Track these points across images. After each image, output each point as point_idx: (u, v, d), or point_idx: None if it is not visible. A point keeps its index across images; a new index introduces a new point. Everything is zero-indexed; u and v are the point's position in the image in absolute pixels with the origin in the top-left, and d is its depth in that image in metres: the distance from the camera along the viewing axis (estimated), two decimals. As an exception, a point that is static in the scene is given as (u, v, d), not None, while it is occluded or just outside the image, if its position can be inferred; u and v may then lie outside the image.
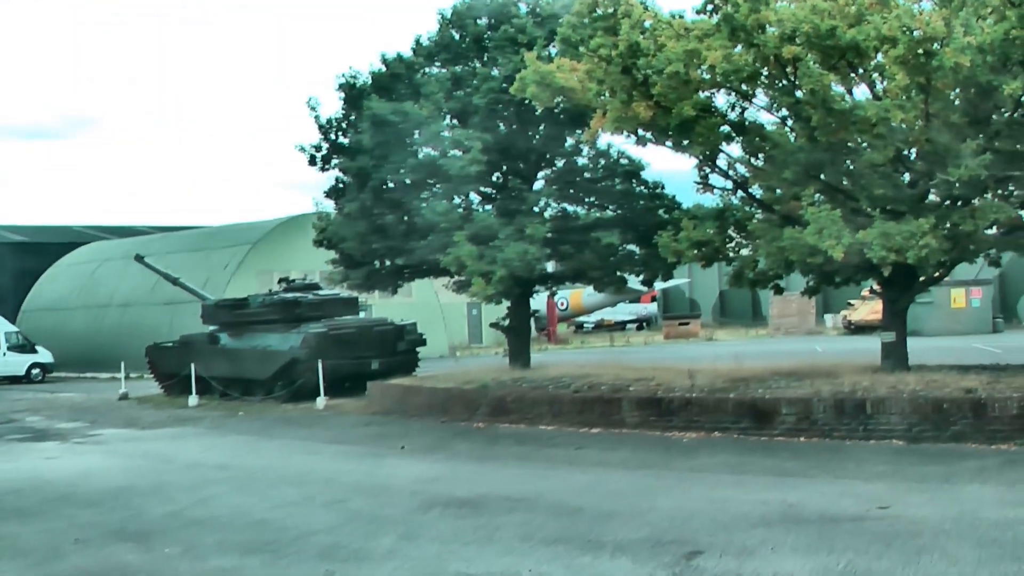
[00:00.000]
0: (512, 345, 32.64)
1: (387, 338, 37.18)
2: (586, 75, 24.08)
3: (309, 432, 27.75)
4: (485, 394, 27.26)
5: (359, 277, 32.73)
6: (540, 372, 29.96)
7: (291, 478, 20.25)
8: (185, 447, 25.95)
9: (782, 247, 22.89)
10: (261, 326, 38.19)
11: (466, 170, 28.12)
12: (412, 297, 59.60)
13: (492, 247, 27.70)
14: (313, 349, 35.08)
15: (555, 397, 25.80)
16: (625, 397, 24.59)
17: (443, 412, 28.27)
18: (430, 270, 31.89)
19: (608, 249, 31.02)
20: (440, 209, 28.54)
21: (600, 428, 24.46)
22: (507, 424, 26.24)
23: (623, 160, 32.22)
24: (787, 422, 22.07)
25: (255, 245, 56.23)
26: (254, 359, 37.19)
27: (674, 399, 23.72)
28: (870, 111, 20.84)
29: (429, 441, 24.57)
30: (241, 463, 22.80)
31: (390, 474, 20.26)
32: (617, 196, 31.90)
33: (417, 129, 28.93)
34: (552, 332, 69.37)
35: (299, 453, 23.96)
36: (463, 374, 30.72)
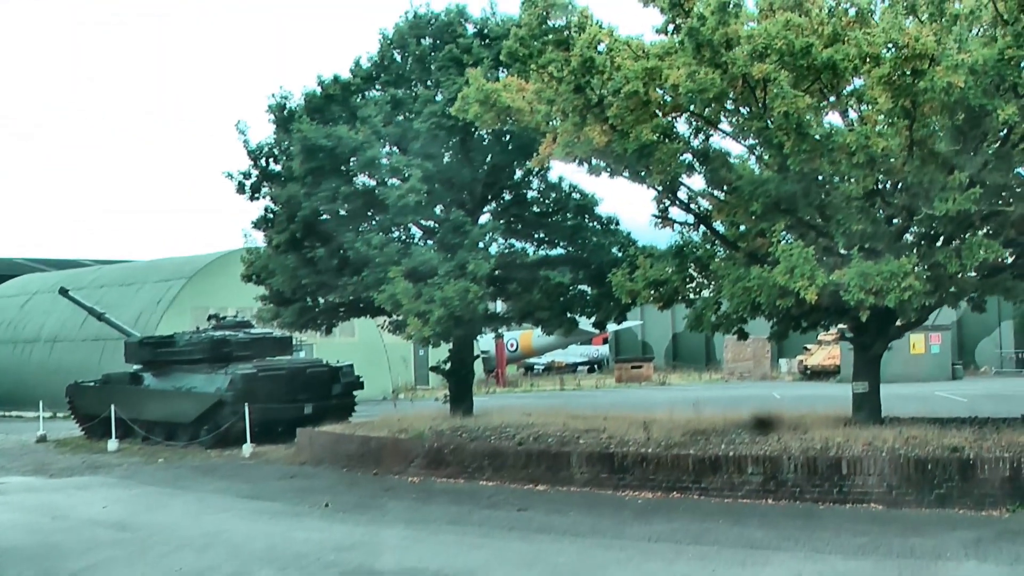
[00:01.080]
0: (453, 390, 30.35)
1: (321, 380, 34.79)
2: (535, 95, 21.94)
3: (228, 484, 25.33)
4: (421, 445, 24.95)
5: (290, 315, 30.34)
6: (483, 420, 27.67)
7: (195, 542, 17.89)
8: (88, 500, 23.50)
9: (748, 288, 20.74)
10: (187, 366, 35.79)
11: (404, 200, 25.89)
12: (355, 337, 57.39)
13: (431, 284, 25.48)
14: (241, 391, 32.68)
15: (497, 450, 23.50)
16: (574, 451, 22.31)
17: (376, 463, 25.95)
18: (367, 308, 29.57)
19: (558, 288, 28.89)
20: (375, 242, 26.28)
21: (546, 485, 22.19)
22: (444, 479, 23.95)
23: (575, 194, 30.19)
24: (753, 482, 19.87)
25: (190, 280, 53.68)
26: (178, 401, 34.74)
27: (628, 454, 21.45)
28: (849, 138, 18.76)
29: (356, 498, 22.25)
30: (144, 522, 20.38)
31: (307, 539, 17.89)
32: (568, 232, 29.79)
33: (352, 155, 26.67)
34: (501, 374, 67.15)
35: (211, 510, 21.55)
36: (399, 421, 28.36)
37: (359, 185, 27.78)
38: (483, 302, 25.59)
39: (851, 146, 18.68)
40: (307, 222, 27.54)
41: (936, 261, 19.97)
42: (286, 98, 28.48)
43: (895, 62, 17.77)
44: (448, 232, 27.61)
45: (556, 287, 28.95)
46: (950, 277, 20.28)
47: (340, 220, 27.82)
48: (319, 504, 21.40)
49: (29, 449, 36.42)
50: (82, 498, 23.95)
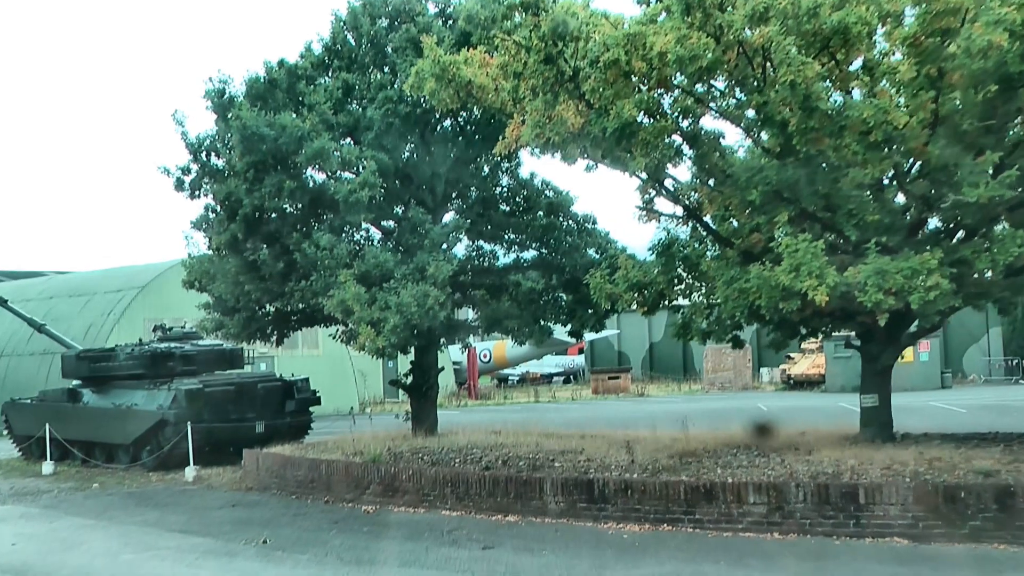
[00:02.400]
0: (415, 407, 27.55)
1: (274, 396, 32.02)
2: (500, 70, 19.23)
3: (160, 515, 22.53)
4: (376, 469, 22.18)
5: (236, 325, 27.48)
6: (447, 440, 25.00)
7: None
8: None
9: (745, 290, 18.12)
10: (128, 381, 32.95)
11: (356, 196, 23.16)
12: (319, 349, 54.71)
13: (386, 290, 22.72)
14: (184, 409, 29.95)
15: (460, 475, 20.73)
16: (548, 477, 19.52)
17: (326, 490, 23.19)
18: (319, 318, 26.78)
19: (528, 295, 26.24)
20: (323, 243, 23.50)
21: (516, 516, 19.43)
22: (401, 508, 21.21)
23: (548, 192, 27.55)
24: (755, 513, 17.14)
25: (143, 290, 50.80)
26: (118, 420, 31.95)
27: (609, 481, 18.68)
28: (866, 112, 16.10)
29: (299, 531, 19.50)
30: (52, 564, 17.70)
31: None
32: (539, 232, 27.09)
33: (298, 146, 23.85)
34: (473, 387, 64.49)
35: (133, 548, 18.76)
36: (355, 441, 25.64)
37: (306, 180, 24.99)
38: (444, 309, 22.86)
39: (868, 122, 16.04)
40: (248, 221, 24.68)
41: (961, 256, 17.33)
42: (225, 83, 25.57)
43: (923, 18, 15.13)
44: (406, 232, 24.92)
45: (526, 293, 26.33)
46: (975, 276, 17.72)
47: (285, 219, 25.04)
48: (256, 540, 18.67)
49: (-42, 473, 33.55)
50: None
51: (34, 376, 47.43)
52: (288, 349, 52.70)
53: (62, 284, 58.12)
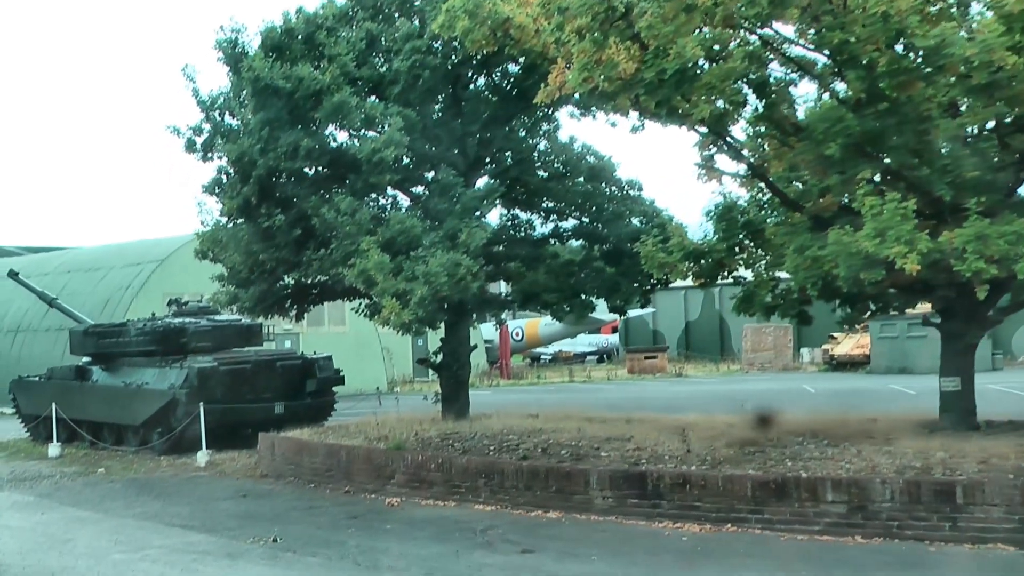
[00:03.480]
0: (445, 387, 25.26)
1: (294, 375, 29.89)
2: (541, 7, 16.93)
3: (162, 506, 20.46)
4: (401, 457, 20.03)
5: (250, 298, 25.28)
6: (479, 424, 22.79)
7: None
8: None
9: (819, 258, 15.86)
10: (139, 359, 30.89)
11: (380, 155, 20.98)
12: (345, 326, 52.67)
13: (413, 259, 20.51)
14: (198, 388, 27.89)
15: (495, 465, 18.54)
16: (594, 469, 17.29)
17: (346, 479, 21.07)
18: (341, 290, 24.62)
19: (566, 267, 23.97)
20: (343, 207, 21.27)
21: (558, 513, 17.23)
22: (429, 501, 19.06)
23: (589, 157, 25.24)
24: (833, 513, 14.89)
25: (161, 264, 48.90)
26: (127, 399, 29.91)
27: (665, 475, 16.44)
28: (968, 50, 13.80)
29: (314, 529, 17.40)
30: (31, 564, 15.64)
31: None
32: (580, 199, 24.86)
33: (316, 101, 21.65)
34: (505, 366, 62.49)
35: (125, 546, 16.64)
36: (379, 425, 23.51)
37: (326, 139, 22.81)
38: (477, 280, 20.64)
39: (973, 61, 13.73)
40: (262, 184, 22.43)
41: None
42: (238, 32, 23.29)
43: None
44: (435, 196, 22.69)
45: (564, 265, 24.08)
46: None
47: (302, 182, 22.83)
48: (264, 538, 16.54)
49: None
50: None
51: (49, 353, 45.56)
52: (313, 326, 50.98)
53: (79, 258, 56.39)
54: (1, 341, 52.81)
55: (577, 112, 24.63)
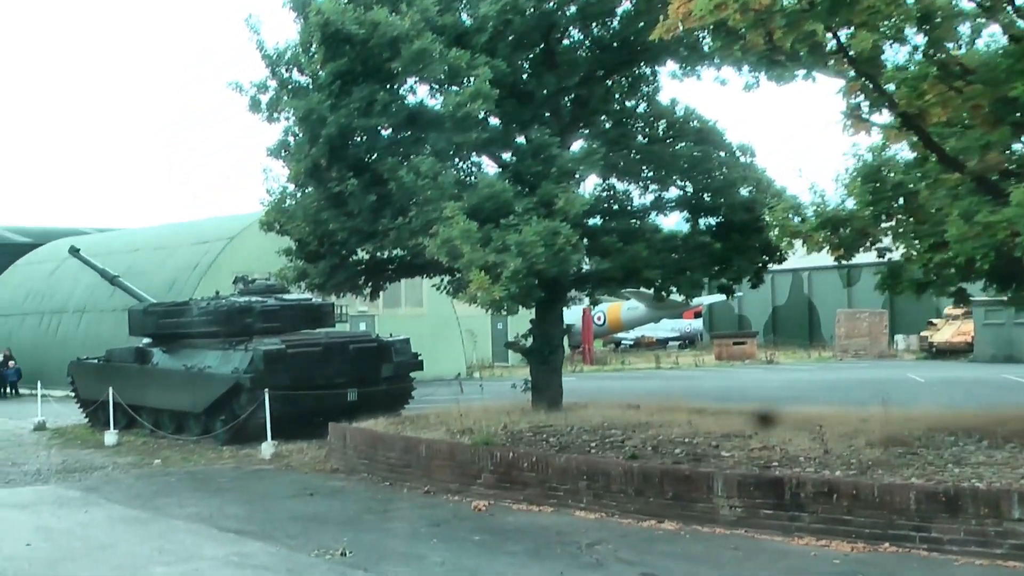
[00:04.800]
0: (536, 376, 22.63)
1: (368, 359, 27.46)
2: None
3: (219, 506, 18.07)
4: (489, 455, 17.50)
5: (320, 274, 22.87)
6: (574, 416, 20.30)
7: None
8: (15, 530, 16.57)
9: (992, 224, 13.13)
10: (202, 340, 28.63)
11: (467, 109, 18.46)
12: (423, 308, 50.41)
13: (503, 227, 17.95)
14: (263, 373, 25.61)
15: (599, 466, 15.95)
16: (718, 473, 14.64)
17: (426, 477, 18.58)
18: (421, 265, 22.14)
19: (668, 241, 21.44)
20: (424, 168, 18.76)
21: (675, 524, 14.60)
22: (521, 506, 16.51)
23: (693, 122, 22.65)
24: (1021, 534, 12.18)
25: (231, 242, 46.87)
26: (188, 384, 27.70)
27: (806, 482, 13.74)
28: None
29: (389, 538, 14.89)
30: None
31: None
32: (685, 166, 22.28)
33: (394, 50, 19.14)
34: (588, 351, 60.03)
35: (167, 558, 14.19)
36: (463, 415, 21.06)
37: (403, 93, 20.33)
38: (577, 252, 18.08)
39: None
40: (333, 145, 19.90)
41: None
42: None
43: None
44: (527, 158, 20.11)
45: (666, 240, 21.55)
46: None
47: (377, 141, 20.34)
48: (333, 550, 14.06)
49: (16, 440, 29.87)
50: (12, 525, 17.10)
51: (115, 333, 43.54)
52: (390, 308, 48.90)
53: (146, 236, 54.85)
54: (67, 321, 51.15)
55: (679, 72, 22.14)
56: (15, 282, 58.35)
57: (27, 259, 59.88)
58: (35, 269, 57.62)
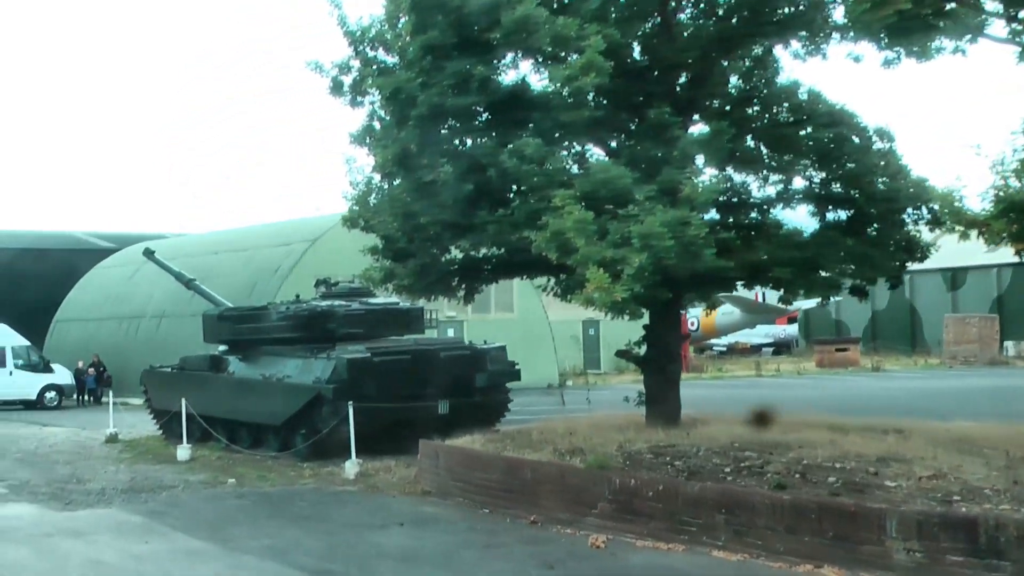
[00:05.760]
0: (651, 388, 20.13)
1: (461, 369, 25.21)
2: None
3: (296, 537, 15.87)
4: (605, 480, 15.13)
5: (408, 275, 20.57)
6: (698, 435, 17.87)
7: None
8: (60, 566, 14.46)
9: None
10: (280, 347, 26.58)
11: (577, 84, 16.09)
12: (514, 312, 48.18)
13: (622, 218, 15.54)
14: (347, 383, 23.55)
15: (738, 498, 13.51)
16: (892, 510, 12.11)
17: (532, 504, 16.25)
18: (524, 263, 19.78)
19: (790, 238, 19.00)
20: (529, 152, 16.38)
21: (838, 568, 12.10)
22: (646, 542, 14.10)
23: (819, 105, 20.15)
24: None
25: (313, 244, 44.98)
26: (265, 395, 25.74)
27: (1006, 523, 11.18)
28: None
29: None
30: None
31: None
32: (815, 152, 19.80)
33: (491, 17, 16.83)
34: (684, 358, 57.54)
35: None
36: (569, 430, 18.77)
37: (503, 68, 18.02)
38: (709, 245, 15.63)
39: None
40: (423, 128, 17.55)
41: None
42: (392, -67, 18.66)
43: None
44: (645, 138, 17.70)
45: (788, 236, 19.12)
46: None
47: (473, 123, 18.03)
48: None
49: (85, 453, 28.07)
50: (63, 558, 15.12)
51: (195, 338, 41.72)
52: (479, 312, 46.75)
53: (227, 238, 53.47)
54: (146, 326, 49.63)
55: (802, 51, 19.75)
56: (94, 286, 57.25)
57: (106, 263, 58.78)
58: (114, 273, 56.44)
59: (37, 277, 58.64)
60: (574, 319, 55.13)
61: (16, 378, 46.68)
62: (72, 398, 48.06)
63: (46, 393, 47.04)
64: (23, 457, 27.71)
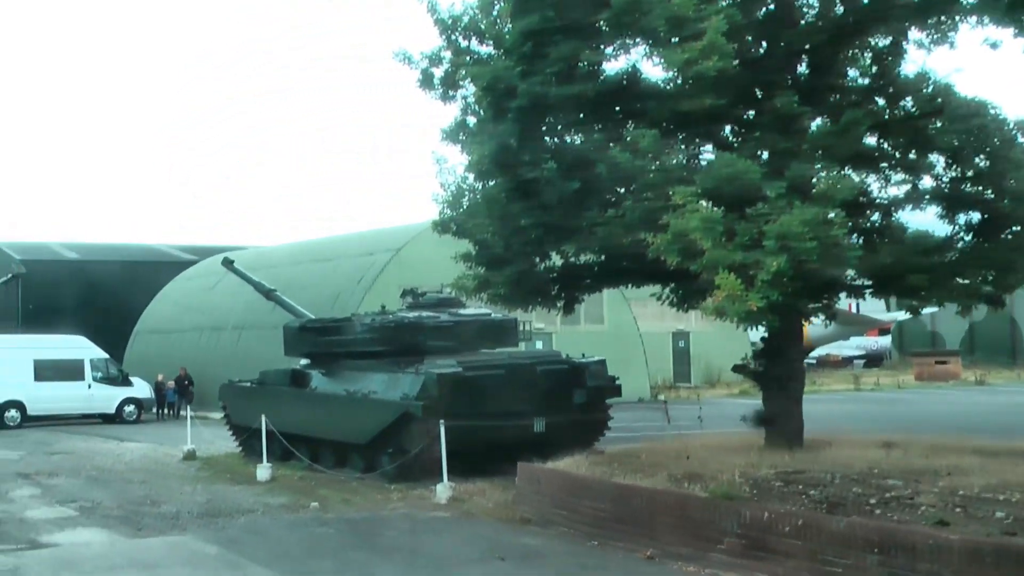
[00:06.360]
0: (772, 406, 18.35)
1: (558, 384, 23.49)
2: None
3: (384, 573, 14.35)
4: (731, 512, 13.43)
5: (504, 283, 19.01)
6: (827, 459, 16.17)
7: None
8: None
9: None
10: (365, 361, 25.11)
11: (697, 69, 14.42)
12: (604, 324, 46.48)
13: (752, 217, 13.84)
14: (437, 400, 21.89)
15: (895, 536, 11.68)
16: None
17: (647, 535, 14.61)
18: (631, 271, 18.12)
19: (919, 242, 17.22)
20: (644, 143, 14.73)
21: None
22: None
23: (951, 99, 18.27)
24: None
25: (397, 253, 43.65)
26: (349, 412, 24.19)
27: None
28: None
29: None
30: None
31: None
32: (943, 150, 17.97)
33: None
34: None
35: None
36: (680, 454, 17.10)
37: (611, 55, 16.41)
38: (852, 247, 13.92)
39: None
40: (524, 120, 16.03)
41: None
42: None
43: None
44: (769, 130, 15.99)
45: (918, 240, 17.33)
46: None
47: (579, 113, 16.40)
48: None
49: (161, 471, 26.84)
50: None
51: (275, 351, 40.44)
52: (568, 324, 45.17)
53: (307, 249, 52.42)
54: (226, 339, 48.52)
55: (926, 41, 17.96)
56: (174, 298, 56.55)
57: (187, 274, 58.15)
58: (194, 284, 55.69)
59: (116, 289, 58.17)
60: (663, 331, 53.57)
61: (95, 392, 45.56)
62: (151, 412, 47.04)
63: (125, 407, 45.79)
64: (98, 475, 26.42)
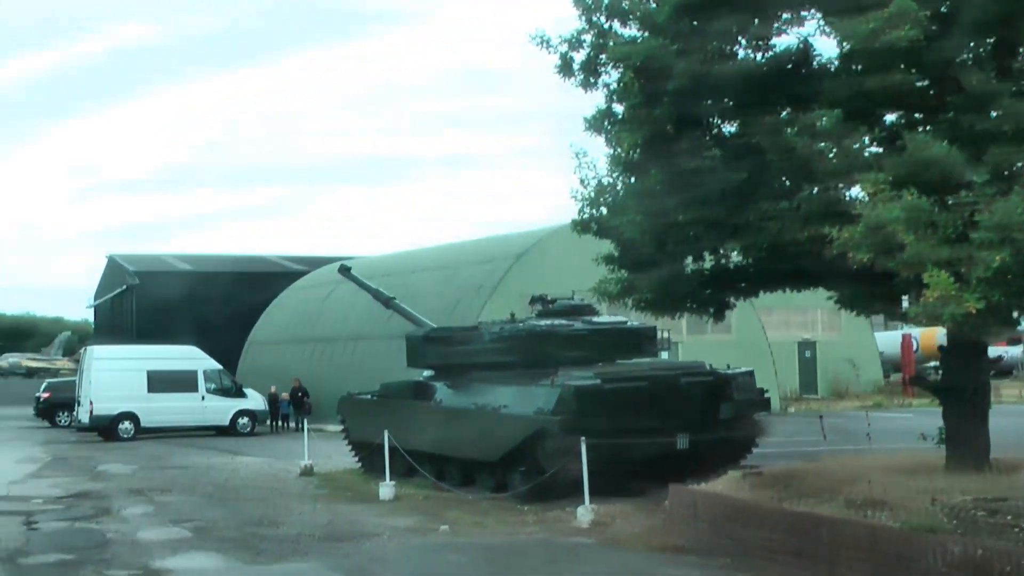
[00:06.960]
0: (954, 423, 16.41)
1: (703, 397, 21.79)
2: None
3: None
4: (934, 546, 11.64)
5: (651, 287, 17.37)
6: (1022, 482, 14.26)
7: None
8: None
9: None
10: (494, 373, 23.67)
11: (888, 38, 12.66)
12: (731, 333, 44.77)
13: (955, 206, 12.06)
14: (575, 415, 20.32)
15: None
16: None
17: (828, 571, 12.83)
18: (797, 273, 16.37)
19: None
20: (826, 124, 13.00)
21: None
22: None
23: None
24: None
25: (518, 260, 42.37)
26: (478, 427, 22.76)
27: None
28: None
29: None
30: None
31: None
32: None
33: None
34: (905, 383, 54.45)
35: None
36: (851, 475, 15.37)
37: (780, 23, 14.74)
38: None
39: None
40: (681, 102, 14.39)
41: None
42: None
43: None
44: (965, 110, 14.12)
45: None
46: None
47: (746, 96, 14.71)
48: None
49: (279, 488, 25.79)
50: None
51: (391, 362, 39.27)
52: (694, 333, 43.68)
53: (426, 256, 51.61)
54: (341, 349, 47.55)
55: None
56: (287, 308, 56.29)
57: (299, 284, 57.79)
58: (308, 294, 55.22)
59: (229, 300, 58.23)
60: (788, 340, 52.06)
61: (208, 403, 44.82)
62: (265, 424, 46.23)
63: (239, 419, 45.09)
64: (213, 492, 25.42)
